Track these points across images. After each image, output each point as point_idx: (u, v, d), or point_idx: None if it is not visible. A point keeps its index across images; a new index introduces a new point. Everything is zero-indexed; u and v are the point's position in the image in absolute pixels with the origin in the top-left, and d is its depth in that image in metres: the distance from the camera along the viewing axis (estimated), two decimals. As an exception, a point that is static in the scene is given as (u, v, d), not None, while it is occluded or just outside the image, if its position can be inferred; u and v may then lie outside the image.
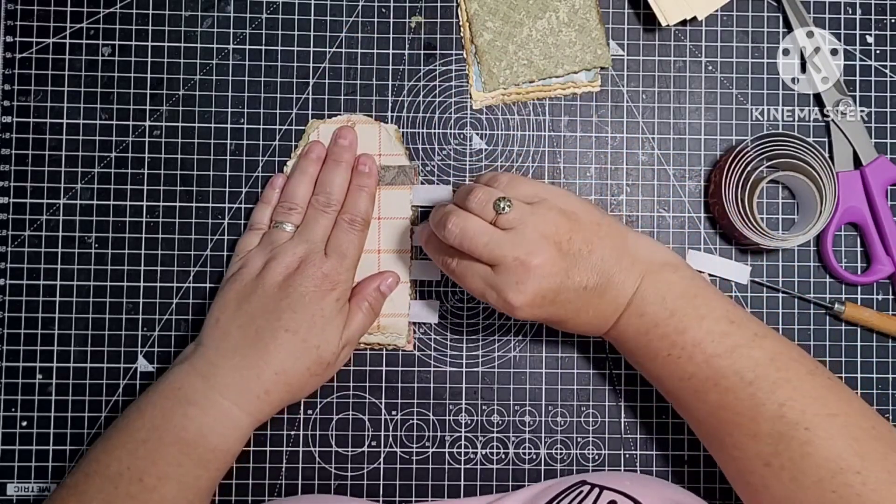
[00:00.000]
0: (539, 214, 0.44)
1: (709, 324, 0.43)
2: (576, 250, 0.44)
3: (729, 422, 0.42)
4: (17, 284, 0.53)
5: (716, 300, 0.44)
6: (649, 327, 0.44)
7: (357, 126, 0.53)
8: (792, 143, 0.51)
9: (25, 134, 0.53)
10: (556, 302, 0.44)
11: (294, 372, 0.46)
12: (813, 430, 0.40)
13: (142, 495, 0.42)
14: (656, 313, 0.44)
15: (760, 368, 0.42)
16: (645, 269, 0.45)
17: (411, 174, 0.53)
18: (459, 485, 0.53)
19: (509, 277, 0.43)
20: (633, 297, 0.44)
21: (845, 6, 0.55)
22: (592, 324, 0.46)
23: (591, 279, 0.44)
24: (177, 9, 0.54)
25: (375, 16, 0.54)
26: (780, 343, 0.44)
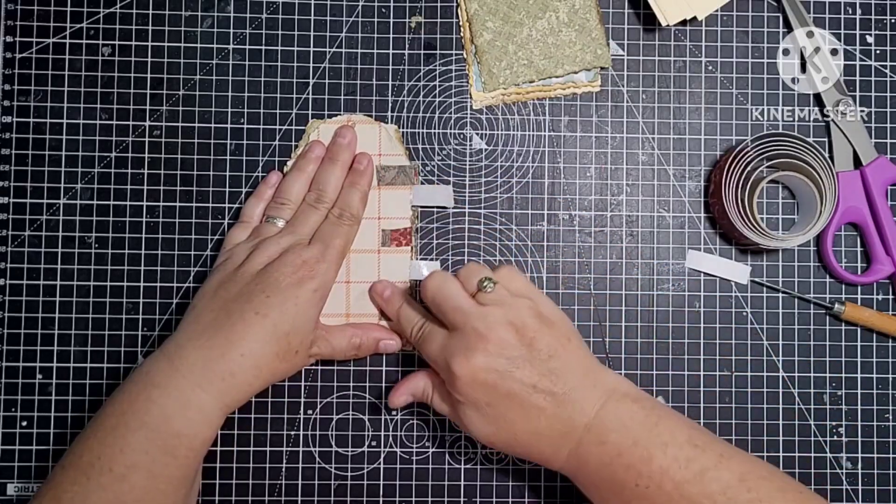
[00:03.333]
0: (516, 305, 0.45)
1: (673, 450, 0.42)
2: (536, 349, 0.44)
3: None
4: (17, 284, 0.53)
5: (677, 426, 0.43)
6: (612, 457, 0.43)
7: (357, 126, 0.53)
8: (792, 143, 0.51)
9: (25, 134, 0.53)
10: (499, 388, 0.43)
11: (261, 355, 0.45)
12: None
13: (112, 486, 0.42)
14: (619, 442, 0.43)
15: (731, 491, 0.41)
16: (606, 395, 0.44)
17: (411, 174, 0.53)
18: (459, 485, 0.53)
19: (461, 342, 0.44)
20: (593, 422, 0.43)
21: (845, 6, 0.55)
22: (545, 440, 0.44)
23: (542, 382, 0.43)
24: (177, 9, 0.54)
25: (375, 16, 0.54)
26: (748, 462, 0.43)
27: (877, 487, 0.53)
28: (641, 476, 0.42)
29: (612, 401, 0.44)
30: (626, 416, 0.43)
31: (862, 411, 0.53)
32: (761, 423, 0.53)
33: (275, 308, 0.45)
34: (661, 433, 0.43)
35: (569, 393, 0.44)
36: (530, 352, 0.44)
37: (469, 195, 0.54)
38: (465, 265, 0.47)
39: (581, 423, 0.44)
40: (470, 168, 0.54)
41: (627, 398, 0.44)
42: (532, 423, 0.44)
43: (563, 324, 0.46)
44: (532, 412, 0.44)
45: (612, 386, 0.45)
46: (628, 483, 0.42)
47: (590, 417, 0.43)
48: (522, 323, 0.44)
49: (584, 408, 0.44)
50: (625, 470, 0.42)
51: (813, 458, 0.53)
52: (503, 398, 0.44)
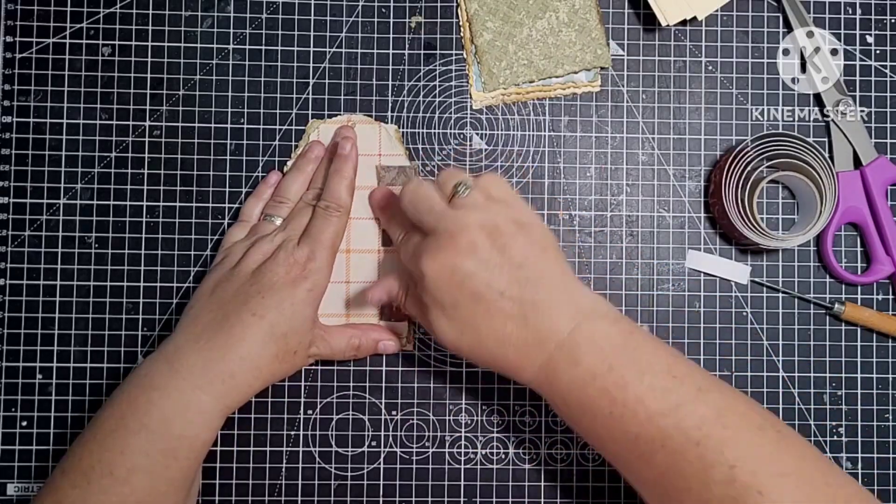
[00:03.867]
0: (492, 209, 0.44)
1: (650, 379, 0.40)
2: (508, 255, 0.42)
3: (678, 488, 0.39)
4: (17, 284, 0.53)
5: (656, 353, 0.42)
6: (586, 380, 0.41)
7: (357, 126, 0.53)
8: (792, 143, 0.51)
9: (25, 134, 0.53)
10: (465, 288, 0.42)
11: (260, 356, 0.45)
12: (766, 494, 0.37)
13: (113, 489, 0.42)
14: (593, 365, 0.41)
15: (707, 426, 0.39)
16: (580, 314, 0.42)
17: (411, 174, 0.53)
18: (459, 485, 0.53)
19: (432, 243, 0.43)
20: (566, 340, 0.41)
21: (845, 6, 0.55)
22: (513, 349, 0.42)
23: (511, 289, 0.42)
24: (177, 9, 0.54)
25: (375, 16, 0.54)
26: (727, 396, 0.41)
27: (877, 487, 0.53)
28: (615, 403, 0.40)
29: (588, 320, 0.42)
30: (602, 338, 0.41)
31: (862, 411, 0.53)
32: (761, 423, 0.53)
33: (271, 309, 0.46)
34: (638, 360, 0.41)
35: (538, 303, 0.42)
36: (501, 256, 0.42)
37: (469, 195, 0.54)
38: (443, 169, 0.47)
39: (552, 339, 0.42)
40: (470, 168, 0.54)
41: (605, 319, 0.42)
42: (498, 329, 0.42)
43: (541, 233, 0.44)
44: (498, 317, 0.42)
45: (589, 305, 0.43)
46: (601, 408, 0.41)
47: (563, 334, 0.42)
48: (495, 227, 0.43)
49: (556, 322, 0.42)
50: (598, 394, 0.41)
51: (813, 458, 0.53)
52: (469, 299, 0.42)
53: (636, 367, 0.41)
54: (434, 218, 0.44)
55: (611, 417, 0.41)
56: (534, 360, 0.42)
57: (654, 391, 0.40)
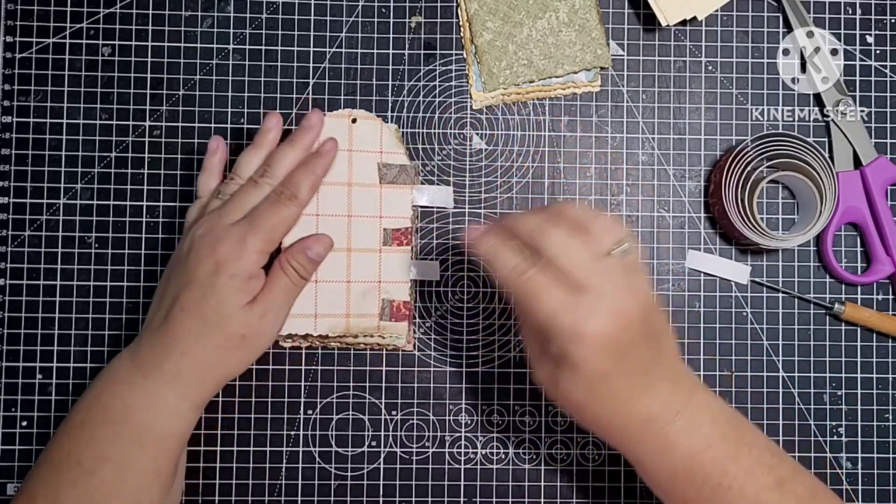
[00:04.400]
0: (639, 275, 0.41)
1: (757, 453, 0.42)
2: (651, 325, 0.41)
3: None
4: (17, 284, 0.53)
5: (756, 431, 0.43)
6: (701, 449, 0.41)
7: (359, 121, 0.53)
8: (792, 143, 0.51)
9: (25, 134, 0.53)
10: (624, 360, 0.40)
11: (201, 351, 0.44)
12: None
13: (81, 479, 0.42)
14: (709, 435, 0.41)
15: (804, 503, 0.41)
16: (694, 386, 0.43)
17: (412, 174, 0.53)
18: (459, 485, 0.53)
19: (598, 305, 0.39)
20: (685, 410, 0.41)
21: (845, 6, 0.55)
22: (634, 422, 0.41)
23: (656, 361, 0.41)
24: (177, 9, 0.54)
25: (375, 16, 0.54)
26: (815, 480, 0.43)
27: (877, 487, 0.53)
28: (726, 474, 0.41)
29: (700, 392, 0.42)
30: (716, 409, 0.42)
31: (862, 411, 0.53)
32: (761, 423, 0.53)
33: (195, 301, 0.43)
34: (744, 433, 0.42)
35: (667, 375, 0.42)
36: (646, 327, 0.40)
37: (469, 195, 0.54)
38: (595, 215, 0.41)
39: (672, 410, 0.41)
40: (470, 168, 0.54)
41: (709, 393, 0.43)
42: (633, 403, 0.41)
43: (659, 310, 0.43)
44: (637, 391, 0.41)
45: (694, 378, 0.43)
46: (711, 480, 0.40)
47: (682, 405, 0.41)
48: (647, 295, 0.41)
49: (677, 394, 0.42)
50: (711, 464, 0.41)
51: (813, 458, 0.53)
52: (621, 374, 0.40)
53: (744, 440, 0.42)
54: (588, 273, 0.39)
55: (718, 488, 0.41)
56: (650, 433, 0.41)
57: (762, 465, 0.41)
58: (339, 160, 0.53)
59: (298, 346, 0.53)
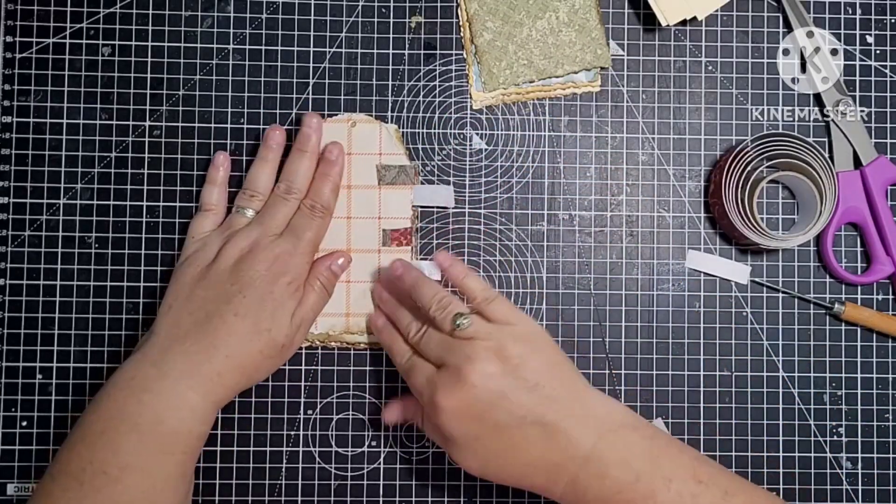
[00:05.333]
0: (497, 334, 0.44)
1: (677, 486, 0.41)
2: (522, 376, 0.43)
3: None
4: (17, 284, 0.53)
5: (680, 458, 0.42)
6: (613, 493, 0.41)
7: (358, 125, 0.53)
8: (792, 143, 0.51)
9: (25, 134, 0.53)
10: (486, 420, 0.42)
11: (245, 354, 0.45)
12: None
13: (107, 488, 0.42)
14: (619, 477, 0.41)
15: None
16: (601, 426, 0.42)
17: (412, 174, 0.53)
18: (459, 485, 0.53)
19: (446, 377, 0.44)
20: (591, 455, 0.42)
21: (845, 6, 0.55)
22: (539, 472, 0.42)
23: (531, 411, 0.42)
24: (177, 9, 0.54)
25: (375, 16, 0.54)
26: (753, 496, 0.42)
27: (877, 487, 0.53)
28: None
29: (609, 432, 0.42)
30: (625, 449, 0.42)
31: (862, 411, 0.53)
32: (761, 423, 0.53)
33: (252, 307, 0.46)
34: (663, 466, 0.41)
35: (559, 422, 0.42)
36: (516, 380, 0.43)
37: (469, 195, 0.54)
38: (437, 260, 0.48)
39: (577, 455, 0.42)
40: (470, 168, 0.54)
41: (626, 428, 0.43)
42: (523, 455, 0.42)
43: (549, 346, 0.45)
44: (522, 444, 0.42)
45: (606, 414, 0.43)
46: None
47: (587, 449, 0.42)
48: (506, 351, 0.43)
49: (578, 438, 0.42)
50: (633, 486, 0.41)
51: (813, 458, 0.53)
52: (491, 431, 0.43)
53: (661, 474, 0.41)
54: (442, 352, 0.45)
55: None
56: (561, 478, 0.42)
57: (682, 497, 0.41)
58: (339, 160, 0.53)
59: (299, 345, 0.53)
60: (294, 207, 0.50)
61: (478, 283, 0.47)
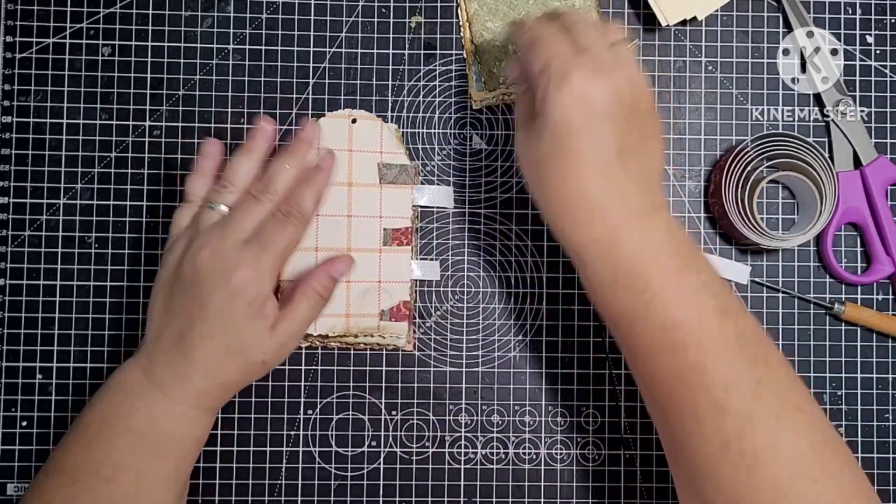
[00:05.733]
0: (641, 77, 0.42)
1: (706, 277, 0.40)
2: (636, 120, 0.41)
3: (699, 387, 0.38)
4: (17, 284, 0.53)
5: (711, 267, 0.41)
6: (649, 255, 0.39)
7: (359, 122, 0.53)
8: (792, 143, 0.51)
9: (25, 134, 0.53)
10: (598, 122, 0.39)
11: (224, 375, 0.44)
12: (782, 421, 0.37)
13: (99, 487, 0.42)
14: (660, 245, 0.40)
15: (744, 340, 0.39)
16: (660, 202, 0.42)
17: (412, 174, 0.53)
18: (459, 485, 0.53)
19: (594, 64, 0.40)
20: (646, 214, 0.40)
21: (845, 6, 0.55)
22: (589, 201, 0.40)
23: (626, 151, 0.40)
24: (177, 9, 0.54)
25: (375, 16, 0.54)
26: (757, 323, 0.41)
27: (877, 487, 0.53)
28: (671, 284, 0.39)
29: (664, 210, 0.42)
30: (675, 229, 0.41)
31: (862, 411, 0.53)
32: (761, 423, 0.53)
33: (218, 330, 0.43)
34: (697, 258, 0.41)
35: (640, 177, 0.41)
36: (632, 113, 0.40)
37: (469, 195, 0.54)
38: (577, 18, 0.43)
39: (630, 209, 0.40)
40: (470, 168, 0.54)
41: (675, 219, 0.42)
42: (589, 178, 0.40)
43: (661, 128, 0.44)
44: (599, 168, 0.40)
45: (664, 200, 0.43)
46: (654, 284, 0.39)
47: (642, 210, 0.40)
48: (643, 89, 0.41)
49: (641, 198, 0.40)
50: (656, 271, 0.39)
51: (813, 458, 0.53)
52: (590, 138, 0.39)
53: (696, 264, 0.40)
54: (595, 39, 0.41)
55: (659, 298, 0.39)
56: (609, 220, 0.40)
57: (707, 289, 0.39)
58: (340, 160, 0.53)
59: (298, 346, 0.53)
60: (266, 211, 0.46)
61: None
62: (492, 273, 0.54)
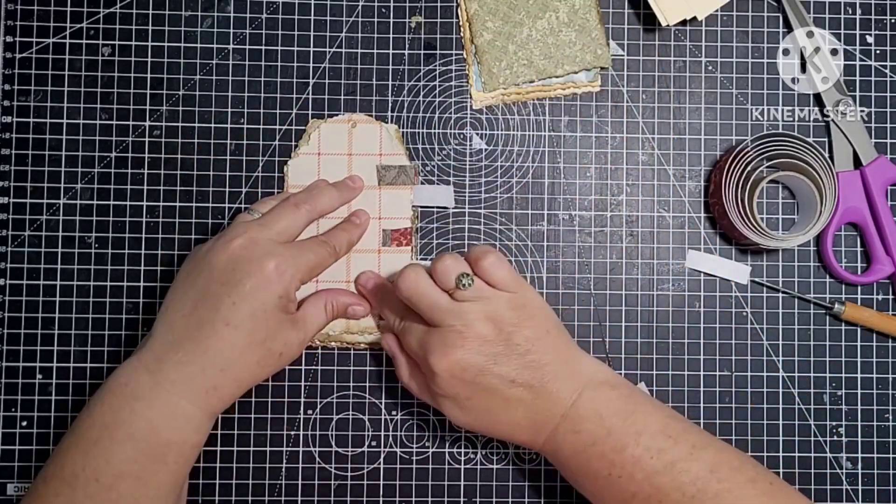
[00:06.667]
0: (495, 300, 0.45)
1: (646, 440, 0.43)
2: (514, 342, 0.44)
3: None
4: (17, 284, 0.53)
5: (653, 415, 0.44)
6: (586, 445, 0.44)
7: (358, 125, 0.53)
8: (792, 143, 0.51)
9: (25, 134, 0.53)
10: (477, 384, 0.44)
11: (242, 368, 0.44)
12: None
13: (99, 495, 0.42)
14: (593, 431, 0.43)
15: (700, 482, 0.42)
16: (583, 383, 0.45)
17: (412, 174, 0.53)
18: (459, 485, 0.53)
19: (439, 339, 0.44)
20: (569, 411, 0.44)
21: (845, 6, 0.55)
22: (523, 429, 0.45)
23: (521, 375, 0.44)
24: (177, 9, 0.54)
25: (375, 16, 0.54)
26: (720, 453, 0.43)
27: (877, 487, 0.53)
28: (614, 465, 0.43)
29: (588, 389, 0.44)
30: (601, 405, 0.44)
31: (862, 411, 0.53)
32: (761, 423, 0.53)
33: (245, 318, 0.43)
34: (635, 422, 0.43)
35: (546, 385, 0.44)
36: (507, 346, 0.44)
37: (469, 195, 0.54)
38: (439, 257, 0.46)
39: (558, 413, 0.44)
40: (470, 168, 0.54)
41: (605, 386, 0.45)
42: (510, 414, 0.45)
43: (543, 313, 0.46)
44: (510, 404, 0.44)
45: (590, 374, 0.45)
46: (601, 472, 0.43)
47: (566, 406, 0.44)
48: (500, 317, 0.45)
49: (560, 398, 0.44)
50: (598, 459, 0.43)
51: (813, 458, 0.53)
52: (481, 392, 0.44)
53: (633, 429, 0.43)
54: (439, 314, 0.45)
55: (609, 479, 0.43)
56: (542, 434, 0.45)
57: (649, 451, 0.43)
58: (339, 164, 0.53)
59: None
60: (302, 222, 0.48)
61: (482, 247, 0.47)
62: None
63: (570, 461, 0.45)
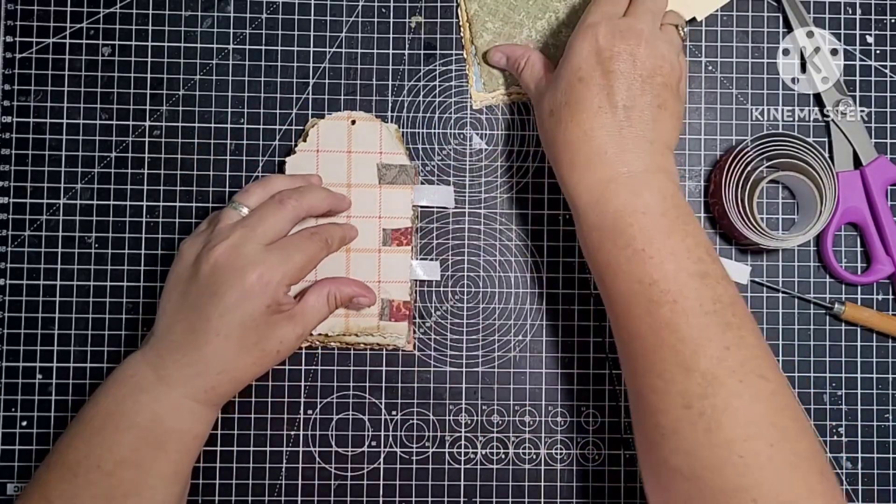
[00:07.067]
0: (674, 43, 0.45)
1: (691, 242, 0.41)
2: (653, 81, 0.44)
3: (669, 346, 0.40)
4: (17, 284, 0.53)
5: (702, 232, 0.43)
6: (636, 209, 0.42)
7: (358, 123, 0.53)
8: (792, 143, 0.51)
9: (25, 134, 0.53)
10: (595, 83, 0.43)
11: (238, 369, 0.44)
12: (745, 385, 0.38)
13: (101, 481, 0.42)
14: (649, 203, 0.42)
15: (720, 306, 0.40)
16: (661, 164, 0.43)
17: (412, 174, 0.53)
18: (459, 485, 0.53)
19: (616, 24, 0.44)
20: (640, 173, 0.42)
21: (845, 6, 0.55)
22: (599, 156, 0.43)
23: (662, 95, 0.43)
24: (177, 9, 0.54)
25: (375, 16, 0.54)
26: (738, 293, 0.42)
27: (877, 487, 0.53)
28: (652, 244, 0.41)
29: (664, 174, 0.43)
30: (670, 192, 0.42)
31: (862, 411, 0.53)
32: (761, 423, 0.53)
33: (234, 328, 0.43)
34: (688, 223, 0.42)
35: (646, 136, 0.43)
36: (648, 81, 0.43)
37: (469, 195, 0.54)
38: None
39: (626, 163, 0.43)
40: (470, 168, 0.54)
41: (676, 185, 0.44)
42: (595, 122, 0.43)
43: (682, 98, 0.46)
44: (605, 121, 0.43)
45: (669, 165, 0.44)
46: (636, 243, 0.41)
47: (639, 167, 0.42)
48: (666, 57, 0.44)
49: (641, 156, 0.43)
50: (640, 228, 0.41)
51: (813, 458, 0.53)
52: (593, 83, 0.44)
53: (684, 227, 0.42)
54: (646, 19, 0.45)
55: (641, 254, 0.41)
56: (604, 171, 0.43)
57: (690, 254, 0.41)
58: (339, 161, 0.53)
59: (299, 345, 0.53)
60: (288, 219, 0.46)
61: None
62: (492, 273, 0.54)
63: (610, 217, 0.42)
